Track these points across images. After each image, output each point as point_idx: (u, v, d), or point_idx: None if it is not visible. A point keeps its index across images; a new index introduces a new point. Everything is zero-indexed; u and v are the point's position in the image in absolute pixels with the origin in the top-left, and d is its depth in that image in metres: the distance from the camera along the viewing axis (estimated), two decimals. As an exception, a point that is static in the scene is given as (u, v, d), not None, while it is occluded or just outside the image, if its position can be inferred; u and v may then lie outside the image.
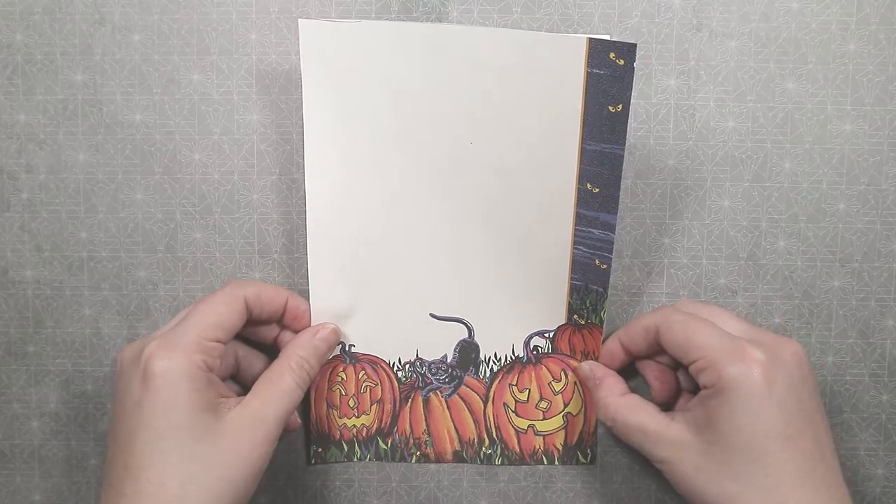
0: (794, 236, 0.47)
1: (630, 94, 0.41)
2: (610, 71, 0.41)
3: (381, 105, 0.44)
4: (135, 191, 0.46)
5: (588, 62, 0.41)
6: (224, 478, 0.39)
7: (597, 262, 0.45)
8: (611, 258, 0.45)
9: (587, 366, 0.46)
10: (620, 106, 0.41)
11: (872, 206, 0.46)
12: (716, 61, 0.46)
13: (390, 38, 0.42)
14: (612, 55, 0.40)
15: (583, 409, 0.48)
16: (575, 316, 0.46)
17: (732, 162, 0.46)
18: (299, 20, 0.42)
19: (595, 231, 0.44)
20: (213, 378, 0.40)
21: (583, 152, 0.43)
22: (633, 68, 0.40)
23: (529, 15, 0.45)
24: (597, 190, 0.43)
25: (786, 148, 0.46)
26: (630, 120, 0.46)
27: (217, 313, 0.41)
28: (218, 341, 0.41)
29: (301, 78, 0.43)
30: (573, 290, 0.46)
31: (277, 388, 0.42)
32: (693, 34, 0.46)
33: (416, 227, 0.46)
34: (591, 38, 0.41)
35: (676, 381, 0.45)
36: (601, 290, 0.45)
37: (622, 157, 0.42)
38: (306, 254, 0.46)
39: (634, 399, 0.44)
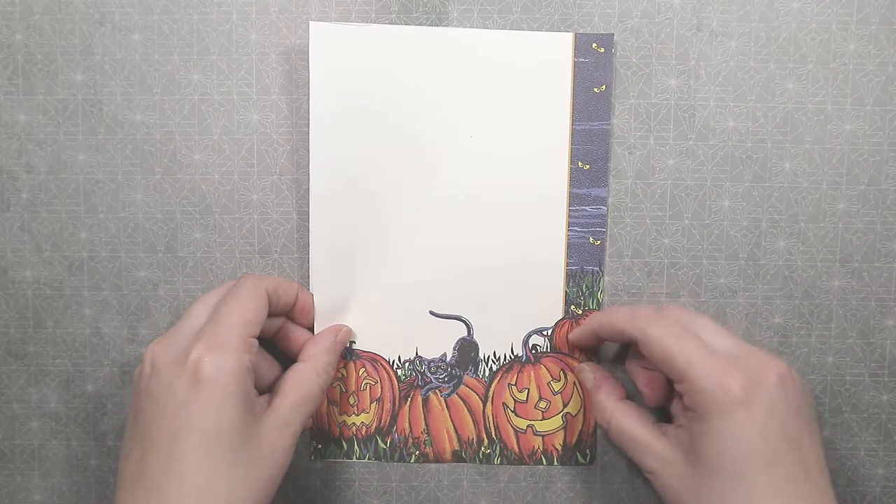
0: (794, 236, 0.47)
1: (612, 75, 0.46)
2: (593, 58, 0.46)
3: (384, 104, 0.45)
4: (135, 191, 0.46)
5: (575, 53, 0.46)
6: (263, 480, 0.39)
7: (591, 238, 0.46)
8: (604, 233, 0.46)
9: (587, 367, 0.46)
10: (604, 86, 0.46)
11: (872, 206, 0.46)
12: (716, 61, 0.46)
13: (395, 40, 0.45)
14: (594, 45, 0.46)
15: (582, 410, 0.48)
16: (572, 307, 0.47)
17: (732, 162, 0.46)
18: (310, 22, 0.44)
19: (588, 208, 0.46)
20: (252, 377, 0.40)
21: (573, 133, 0.46)
22: (612, 54, 0.46)
23: (529, 15, 0.45)
24: (587, 167, 0.46)
25: (786, 148, 0.46)
26: (631, 120, 0.46)
27: (250, 310, 0.41)
28: (254, 338, 0.41)
29: (308, 77, 0.45)
30: (569, 276, 0.46)
31: (305, 392, 0.42)
32: (693, 34, 0.46)
33: (417, 224, 0.46)
34: (576, 34, 0.45)
35: (666, 384, 0.45)
36: (597, 269, 0.46)
37: (608, 131, 0.46)
38: (307, 252, 0.46)
39: (631, 406, 0.44)
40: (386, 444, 0.47)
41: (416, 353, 0.47)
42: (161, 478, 0.37)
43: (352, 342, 0.47)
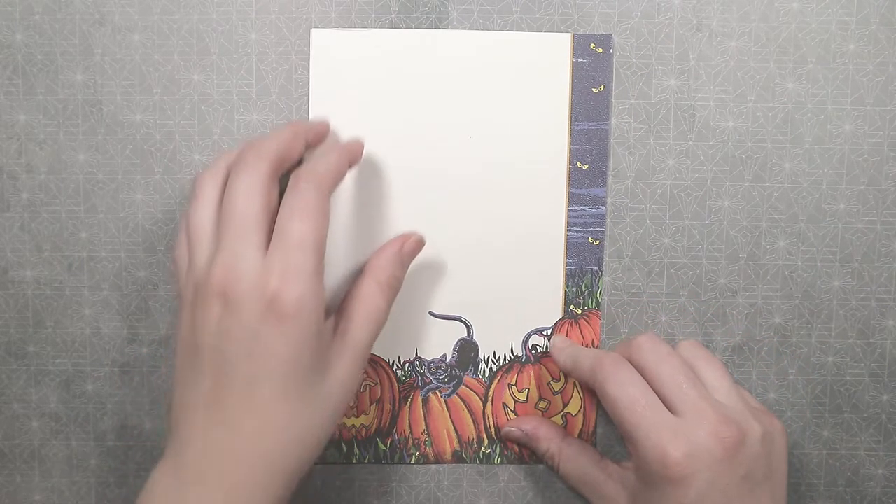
0: (794, 236, 0.47)
1: (611, 76, 0.46)
2: (591, 59, 0.46)
3: (383, 106, 0.46)
4: (135, 191, 0.46)
5: (573, 53, 0.46)
6: (335, 412, 0.38)
7: (590, 238, 0.46)
8: (604, 232, 0.46)
9: (513, 429, 0.47)
10: (602, 86, 0.46)
11: (872, 206, 0.46)
12: (716, 61, 0.46)
13: (395, 44, 0.45)
14: (592, 45, 0.46)
15: (582, 410, 0.48)
16: (571, 306, 0.47)
17: (732, 162, 0.46)
18: (312, 30, 0.45)
19: (587, 208, 0.46)
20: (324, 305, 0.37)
21: (572, 133, 0.46)
22: (611, 54, 0.46)
23: (529, 15, 0.45)
24: (586, 167, 0.46)
25: (786, 148, 0.46)
26: (630, 120, 0.46)
27: (323, 227, 0.37)
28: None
29: (308, 77, 0.45)
30: (568, 276, 0.47)
31: (371, 311, 0.39)
32: (693, 34, 0.46)
33: (416, 224, 0.46)
34: (574, 34, 0.46)
35: None
36: (596, 268, 0.47)
37: (608, 131, 0.46)
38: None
39: (574, 446, 0.46)
40: (386, 446, 0.47)
41: (416, 354, 0.47)
42: (238, 413, 0.36)
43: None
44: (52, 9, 0.45)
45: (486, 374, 0.47)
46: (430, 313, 0.47)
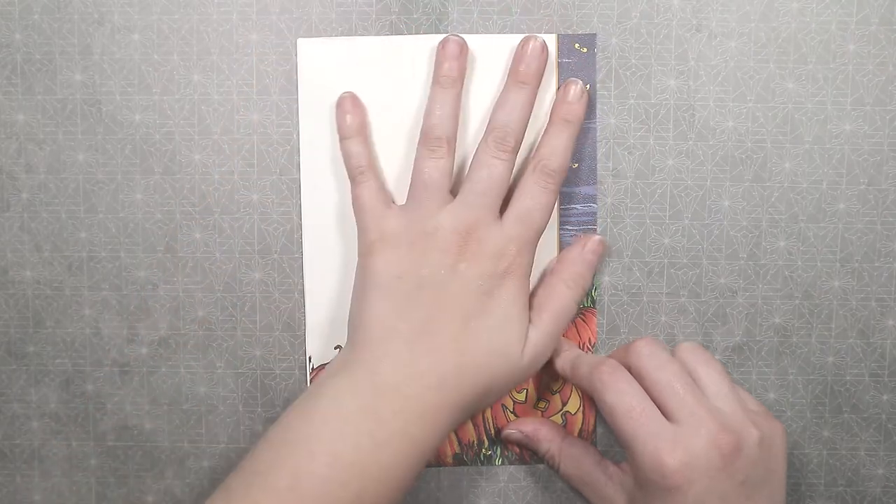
0: (794, 236, 0.47)
1: (594, 75, 0.46)
2: (576, 59, 0.46)
3: (375, 111, 0.46)
4: (134, 191, 0.46)
5: (558, 54, 0.45)
6: (523, 376, 0.44)
7: None
8: (595, 231, 0.46)
9: (514, 430, 0.47)
10: (588, 86, 0.45)
11: (872, 206, 0.46)
12: (716, 61, 0.46)
13: (384, 51, 0.45)
14: (576, 45, 0.46)
15: (581, 409, 0.48)
16: None
17: (732, 162, 0.46)
18: (298, 40, 0.45)
19: (578, 206, 0.46)
20: None
21: None
22: (595, 54, 0.46)
23: (529, 16, 0.45)
24: (576, 165, 0.46)
25: (786, 148, 0.46)
26: (630, 120, 0.46)
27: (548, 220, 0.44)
28: None
29: (297, 91, 0.45)
30: None
31: (560, 306, 0.44)
32: (693, 34, 0.46)
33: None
34: (559, 35, 0.45)
35: None
36: None
37: (596, 129, 0.46)
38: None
39: (576, 446, 0.46)
40: (386, 447, 0.47)
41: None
42: (448, 347, 0.41)
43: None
44: (50, 8, 0.45)
45: (486, 374, 0.47)
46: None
